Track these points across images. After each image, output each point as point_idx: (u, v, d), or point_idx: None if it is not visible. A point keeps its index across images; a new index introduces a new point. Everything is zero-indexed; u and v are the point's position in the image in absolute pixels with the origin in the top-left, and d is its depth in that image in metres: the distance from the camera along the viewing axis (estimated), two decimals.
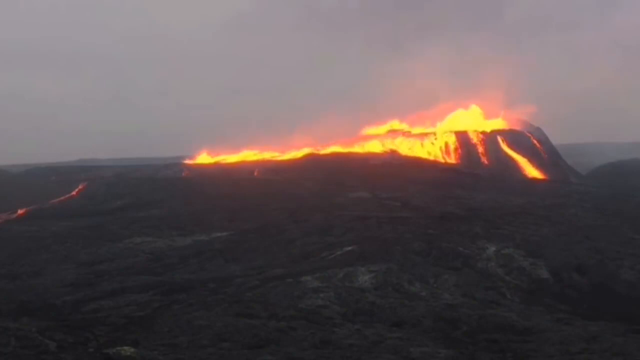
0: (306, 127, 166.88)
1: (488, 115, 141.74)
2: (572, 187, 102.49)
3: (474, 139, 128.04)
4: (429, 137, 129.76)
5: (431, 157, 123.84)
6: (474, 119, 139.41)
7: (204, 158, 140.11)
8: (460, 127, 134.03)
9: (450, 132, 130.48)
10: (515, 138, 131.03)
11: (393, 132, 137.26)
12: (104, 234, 67.58)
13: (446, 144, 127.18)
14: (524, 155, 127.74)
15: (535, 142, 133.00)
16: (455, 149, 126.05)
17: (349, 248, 54.33)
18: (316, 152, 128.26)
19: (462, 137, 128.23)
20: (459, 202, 76.85)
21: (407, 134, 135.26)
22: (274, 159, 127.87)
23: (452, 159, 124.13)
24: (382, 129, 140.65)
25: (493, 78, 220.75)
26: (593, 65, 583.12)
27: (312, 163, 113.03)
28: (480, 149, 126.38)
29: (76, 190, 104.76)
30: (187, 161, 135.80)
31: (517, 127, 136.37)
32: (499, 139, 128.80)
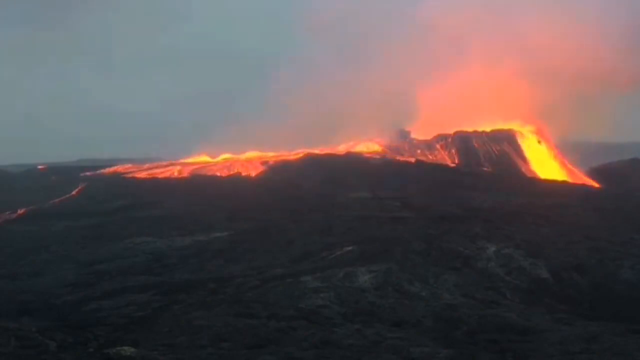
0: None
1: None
2: (572, 187, 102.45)
3: (474, 139, 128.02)
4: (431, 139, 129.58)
5: (431, 158, 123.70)
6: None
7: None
8: (461, 127, 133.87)
9: (451, 132, 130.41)
10: (515, 137, 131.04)
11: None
12: (104, 234, 67.52)
13: (446, 144, 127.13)
14: (524, 155, 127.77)
15: (535, 141, 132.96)
16: (456, 149, 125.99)
17: (349, 248, 54.36)
18: (316, 152, 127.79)
19: (462, 137, 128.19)
20: (459, 202, 76.75)
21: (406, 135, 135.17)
22: (274, 159, 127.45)
23: (452, 159, 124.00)
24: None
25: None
26: None
27: (312, 163, 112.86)
28: (481, 149, 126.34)
29: (76, 190, 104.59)
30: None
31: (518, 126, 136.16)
32: (500, 138, 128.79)
